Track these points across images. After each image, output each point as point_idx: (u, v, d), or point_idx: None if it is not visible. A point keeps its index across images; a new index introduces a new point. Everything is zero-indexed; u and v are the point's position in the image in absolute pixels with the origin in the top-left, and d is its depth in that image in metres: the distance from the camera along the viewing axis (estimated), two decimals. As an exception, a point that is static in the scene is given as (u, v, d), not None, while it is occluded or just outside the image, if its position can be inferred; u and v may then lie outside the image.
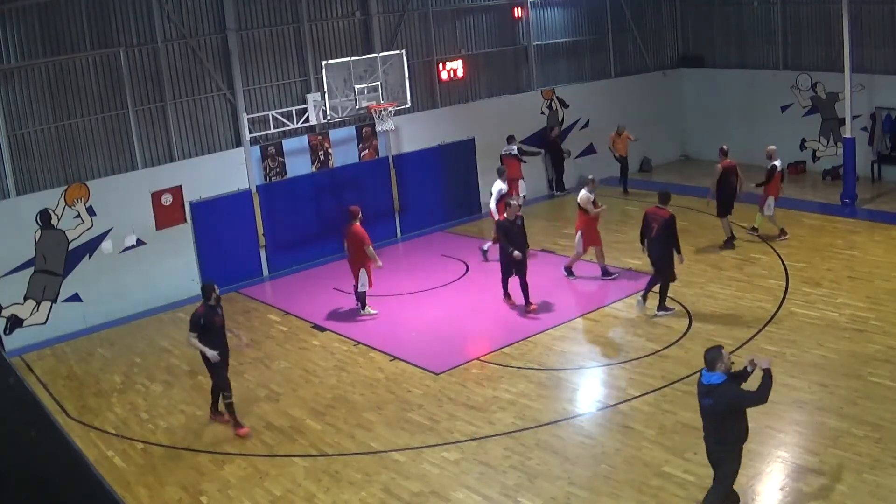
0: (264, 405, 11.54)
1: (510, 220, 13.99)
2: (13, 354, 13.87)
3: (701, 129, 23.93)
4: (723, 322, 12.66)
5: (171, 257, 16.26)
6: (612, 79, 23.07)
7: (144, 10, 15.75)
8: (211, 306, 10.60)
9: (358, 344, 13.38)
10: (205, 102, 16.76)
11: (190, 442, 10.68)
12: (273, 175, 17.46)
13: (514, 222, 13.94)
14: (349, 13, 18.39)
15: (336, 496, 9.05)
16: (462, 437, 10.04)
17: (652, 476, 8.76)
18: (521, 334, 12.99)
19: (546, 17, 21.97)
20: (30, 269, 14.76)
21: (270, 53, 17.39)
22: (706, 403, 7.39)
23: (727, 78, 23.05)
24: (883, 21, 19.86)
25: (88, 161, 15.53)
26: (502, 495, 8.75)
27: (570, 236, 18.11)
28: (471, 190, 20.43)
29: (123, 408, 11.92)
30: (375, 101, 16.80)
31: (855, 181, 18.42)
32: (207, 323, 10.48)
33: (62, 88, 15.11)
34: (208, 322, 10.49)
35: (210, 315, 10.54)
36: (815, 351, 11.38)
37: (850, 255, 15.17)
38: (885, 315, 12.28)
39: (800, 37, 21.78)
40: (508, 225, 14.01)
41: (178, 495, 9.39)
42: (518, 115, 20.93)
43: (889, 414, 9.45)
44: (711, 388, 7.31)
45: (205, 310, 10.55)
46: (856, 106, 18.63)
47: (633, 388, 10.89)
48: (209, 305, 10.60)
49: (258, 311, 15.46)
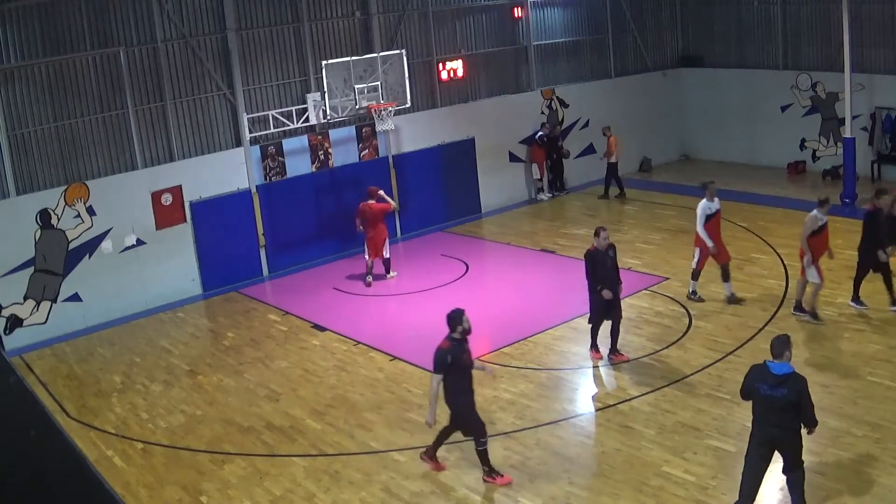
0: (264, 405, 11.54)
1: (601, 249, 11.50)
2: (13, 354, 13.87)
3: (701, 129, 23.94)
4: (723, 322, 12.66)
5: (171, 257, 16.26)
6: (612, 79, 23.07)
7: (144, 10, 15.75)
8: (457, 340, 8.89)
9: (358, 344, 13.38)
10: (205, 102, 16.76)
11: (190, 442, 10.68)
12: (273, 175, 17.46)
13: (606, 252, 11.55)
14: (349, 13, 18.39)
15: (336, 496, 9.05)
16: (462, 437, 10.03)
17: (652, 476, 8.76)
18: (521, 334, 12.99)
19: (546, 17, 21.97)
20: (30, 268, 14.76)
21: (270, 53, 17.39)
22: (779, 393, 7.25)
23: (727, 78, 23.05)
24: (883, 21, 19.86)
25: (88, 161, 15.53)
26: (502, 495, 8.75)
27: (570, 236, 18.14)
28: (470, 190, 20.44)
29: (123, 408, 11.92)
30: (375, 100, 16.79)
31: (855, 181, 18.41)
32: (455, 361, 8.81)
33: (62, 88, 15.11)
34: (456, 360, 8.81)
35: (458, 352, 8.88)
36: (816, 351, 11.38)
37: (850, 255, 15.14)
38: (885, 315, 12.28)
39: (800, 37, 21.78)
40: (599, 256, 11.51)
41: (178, 495, 9.39)
42: (518, 115, 20.94)
43: (889, 414, 9.45)
44: (786, 377, 7.26)
45: (450, 345, 8.86)
46: (856, 106, 18.62)
47: (633, 388, 10.89)
48: (455, 339, 8.90)
49: (258, 311, 15.46)
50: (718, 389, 10.53)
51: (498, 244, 18.40)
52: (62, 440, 2.11)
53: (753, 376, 7.55)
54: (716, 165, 23.10)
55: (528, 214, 20.51)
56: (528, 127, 21.17)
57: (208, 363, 13.32)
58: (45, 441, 2.08)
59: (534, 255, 17.12)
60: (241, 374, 12.67)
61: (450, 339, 8.88)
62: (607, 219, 19.22)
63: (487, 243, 18.81)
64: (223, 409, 11.57)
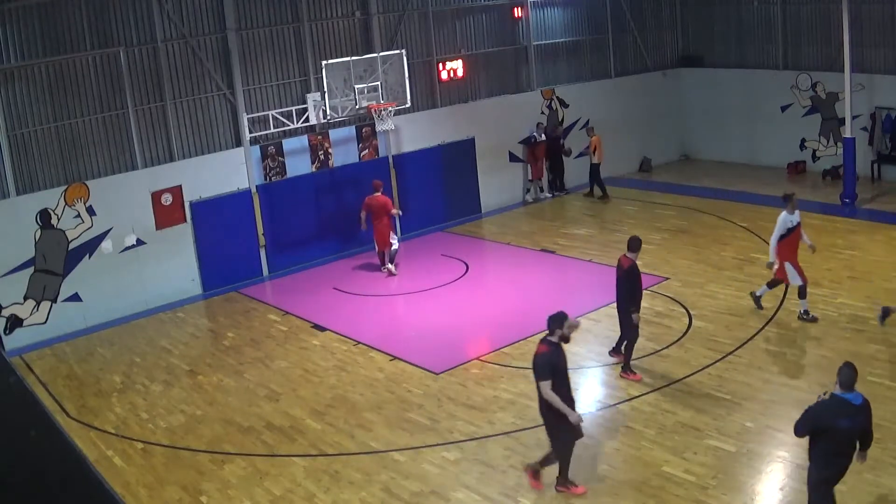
0: (264, 405, 11.54)
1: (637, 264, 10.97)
2: (13, 354, 13.87)
3: (701, 129, 23.95)
4: (723, 322, 12.66)
5: (170, 257, 16.26)
6: (612, 79, 23.07)
7: (144, 10, 15.75)
8: (555, 344, 8.27)
9: (358, 344, 13.38)
10: (205, 102, 16.76)
11: (190, 442, 10.68)
12: (273, 175, 17.46)
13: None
14: (349, 13, 18.39)
15: (336, 496, 9.05)
16: (462, 437, 10.04)
17: (652, 476, 8.76)
18: (522, 334, 12.98)
19: (546, 17, 21.97)
20: (30, 268, 14.76)
21: (270, 53, 17.39)
22: (858, 424, 6.99)
23: (727, 78, 23.05)
24: (883, 21, 19.87)
25: (88, 161, 15.53)
26: (502, 495, 8.75)
27: (569, 236, 18.14)
28: (470, 190, 20.44)
29: (123, 408, 11.92)
30: (375, 100, 16.80)
31: (855, 181, 18.42)
32: (554, 367, 8.20)
33: (62, 88, 15.11)
34: (555, 366, 8.21)
35: (557, 356, 8.26)
36: (815, 351, 11.38)
37: (850, 255, 15.17)
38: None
39: (800, 37, 21.79)
40: (637, 272, 11.01)
41: (178, 495, 9.39)
42: (518, 115, 20.94)
43: (889, 414, 9.44)
44: (862, 407, 7.02)
45: (550, 349, 8.22)
46: (856, 106, 18.63)
47: (633, 388, 10.89)
48: (552, 343, 8.25)
49: (258, 311, 15.46)
50: (718, 389, 10.53)
51: (498, 244, 18.40)
52: (62, 440, 2.11)
53: (828, 413, 6.99)
54: (716, 165, 23.12)
55: (528, 214, 20.51)
56: (529, 127, 21.16)
57: (208, 363, 13.33)
58: (45, 441, 2.08)
59: (534, 255, 17.11)
60: (241, 374, 12.67)
61: (547, 343, 8.21)
62: (608, 219, 19.24)
63: (487, 243, 18.81)
64: (223, 409, 11.57)
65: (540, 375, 8.12)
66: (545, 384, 8.06)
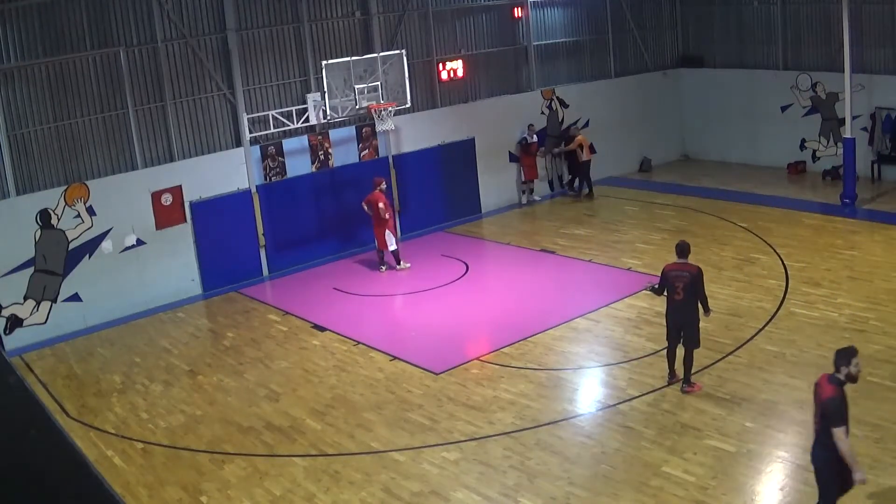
0: (264, 405, 11.54)
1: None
2: (13, 354, 13.87)
3: (701, 129, 23.95)
4: (723, 322, 12.65)
5: (170, 257, 16.26)
6: (612, 79, 23.07)
7: (144, 10, 15.75)
8: (843, 383, 7.19)
9: (358, 344, 13.38)
10: (205, 102, 16.76)
11: (190, 442, 10.68)
12: (273, 175, 17.46)
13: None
14: (349, 13, 18.39)
15: (336, 496, 9.05)
16: (462, 437, 10.04)
17: (652, 476, 8.76)
18: (521, 334, 12.99)
19: (546, 17, 21.97)
20: (30, 268, 14.75)
21: (270, 53, 17.39)
22: None
23: (727, 78, 23.06)
24: (883, 21, 19.87)
25: (88, 161, 15.53)
26: (502, 495, 8.75)
27: (569, 236, 18.13)
28: (471, 190, 20.43)
29: (123, 408, 11.92)
30: (375, 100, 16.79)
31: (855, 181, 18.41)
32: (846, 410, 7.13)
33: (62, 88, 15.11)
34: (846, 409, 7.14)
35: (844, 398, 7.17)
36: (815, 351, 11.37)
37: (849, 255, 15.17)
38: (885, 315, 12.28)
39: (800, 37, 21.78)
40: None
41: (178, 495, 9.39)
42: (518, 115, 20.93)
43: (889, 414, 9.45)
44: None
45: (839, 390, 7.15)
46: (856, 106, 18.62)
47: (633, 388, 10.89)
48: (840, 381, 7.19)
49: (258, 311, 15.46)
50: (718, 389, 10.53)
51: (498, 244, 18.40)
52: (62, 440, 2.11)
53: None
54: (716, 165, 23.13)
55: (528, 214, 20.51)
56: (521, 129, 21.13)
57: (208, 363, 13.33)
58: (45, 441, 2.08)
59: (534, 256, 17.11)
60: (241, 374, 12.67)
61: (836, 383, 7.18)
62: (608, 219, 19.24)
63: (487, 243, 18.81)
64: (223, 409, 11.57)
65: (833, 421, 7.05)
66: (839, 430, 7.00)
